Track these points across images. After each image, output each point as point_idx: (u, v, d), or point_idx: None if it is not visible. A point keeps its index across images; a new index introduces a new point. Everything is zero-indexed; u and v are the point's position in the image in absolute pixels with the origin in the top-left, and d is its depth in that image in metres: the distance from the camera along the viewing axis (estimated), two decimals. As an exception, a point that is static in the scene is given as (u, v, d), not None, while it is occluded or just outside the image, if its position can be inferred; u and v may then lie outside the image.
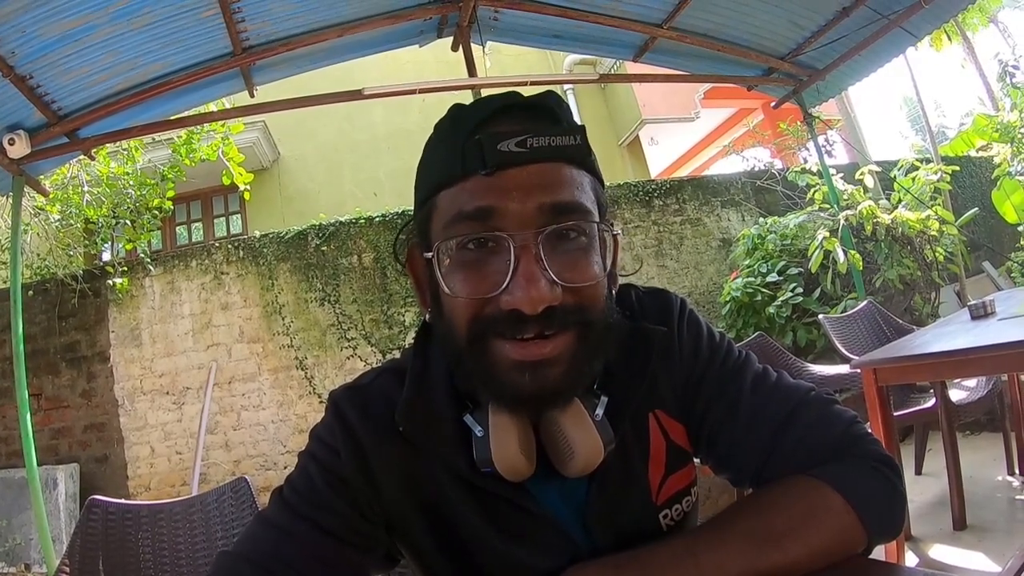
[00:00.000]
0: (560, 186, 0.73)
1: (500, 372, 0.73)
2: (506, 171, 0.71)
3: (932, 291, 5.64)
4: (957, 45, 9.81)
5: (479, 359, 0.74)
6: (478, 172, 0.72)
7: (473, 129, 0.74)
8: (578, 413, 0.77)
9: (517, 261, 0.70)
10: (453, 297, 0.73)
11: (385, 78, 6.04)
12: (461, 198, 0.73)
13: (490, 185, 0.71)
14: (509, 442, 0.75)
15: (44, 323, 6.13)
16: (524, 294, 0.69)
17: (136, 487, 5.92)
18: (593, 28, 4.54)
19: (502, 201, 0.71)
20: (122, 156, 6.51)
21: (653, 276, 7.14)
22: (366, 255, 6.64)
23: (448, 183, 0.74)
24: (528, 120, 0.75)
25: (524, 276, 0.69)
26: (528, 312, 0.69)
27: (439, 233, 0.75)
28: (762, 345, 3.72)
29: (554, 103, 0.78)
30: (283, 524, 0.80)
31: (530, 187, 0.71)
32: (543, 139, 0.72)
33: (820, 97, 5.41)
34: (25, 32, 3.02)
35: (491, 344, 0.73)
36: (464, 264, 0.73)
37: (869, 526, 0.75)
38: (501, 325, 0.71)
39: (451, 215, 0.73)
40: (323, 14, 3.93)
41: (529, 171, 0.72)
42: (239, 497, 1.89)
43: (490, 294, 0.71)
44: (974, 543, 2.76)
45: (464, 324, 0.73)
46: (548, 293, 0.69)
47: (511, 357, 0.72)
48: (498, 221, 0.71)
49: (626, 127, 10.72)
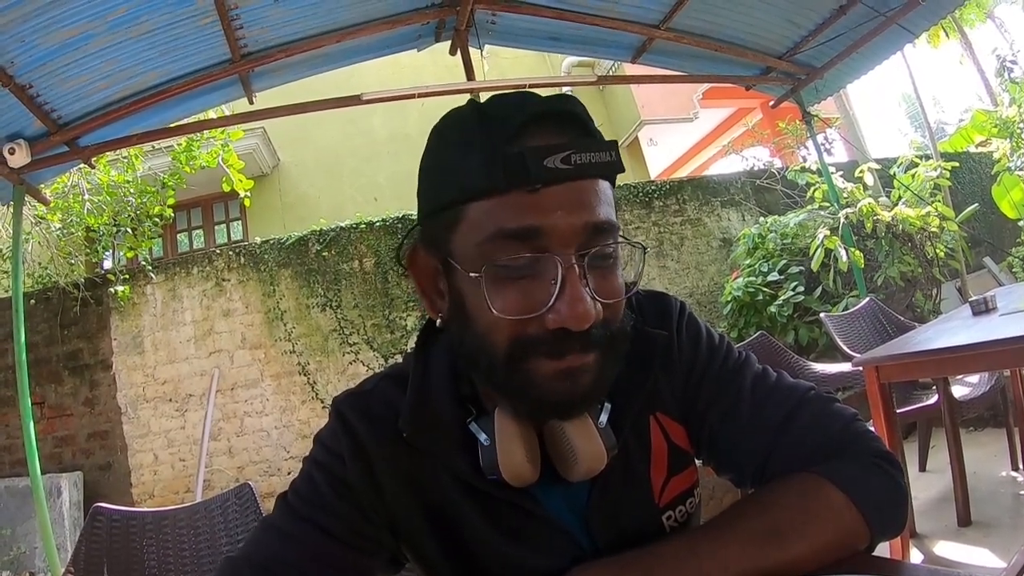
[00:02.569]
0: (599, 205, 0.73)
1: (539, 383, 0.72)
2: (550, 188, 0.70)
3: (933, 288, 5.63)
4: (955, 41, 9.81)
5: (516, 375, 0.73)
6: (521, 188, 0.70)
7: (509, 139, 0.71)
8: (582, 420, 0.77)
9: (564, 280, 0.69)
10: (494, 315, 0.71)
11: (384, 83, 6.04)
12: (502, 214, 0.70)
13: (534, 203, 0.69)
14: (516, 451, 0.76)
15: (46, 331, 6.13)
16: (571, 312, 0.69)
17: (140, 494, 5.92)
18: (590, 30, 4.54)
19: (547, 220, 0.69)
20: (122, 164, 6.53)
21: (654, 277, 7.14)
22: (367, 260, 6.65)
23: (482, 195, 0.71)
24: (566, 132, 0.73)
25: (571, 295, 0.69)
26: (575, 329, 0.69)
27: (472, 248, 0.73)
28: (764, 344, 3.71)
29: (582, 112, 0.76)
30: (287, 528, 0.81)
31: (572, 205, 0.70)
32: (585, 155, 0.71)
33: (818, 95, 5.40)
34: (24, 41, 3.02)
35: (531, 363, 0.72)
36: (507, 282, 0.71)
37: (872, 523, 0.75)
38: (544, 345, 0.71)
39: (490, 231, 0.71)
40: (321, 20, 3.93)
41: (571, 188, 0.71)
42: (243, 503, 1.89)
43: (535, 313, 0.70)
44: (979, 539, 2.75)
45: (504, 343, 0.72)
46: (593, 311, 0.70)
47: (551, 370, 0.72)
48: (544, 241, 0.70)
49: (625, 128, 10.74)
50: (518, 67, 9.13)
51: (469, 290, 0.74)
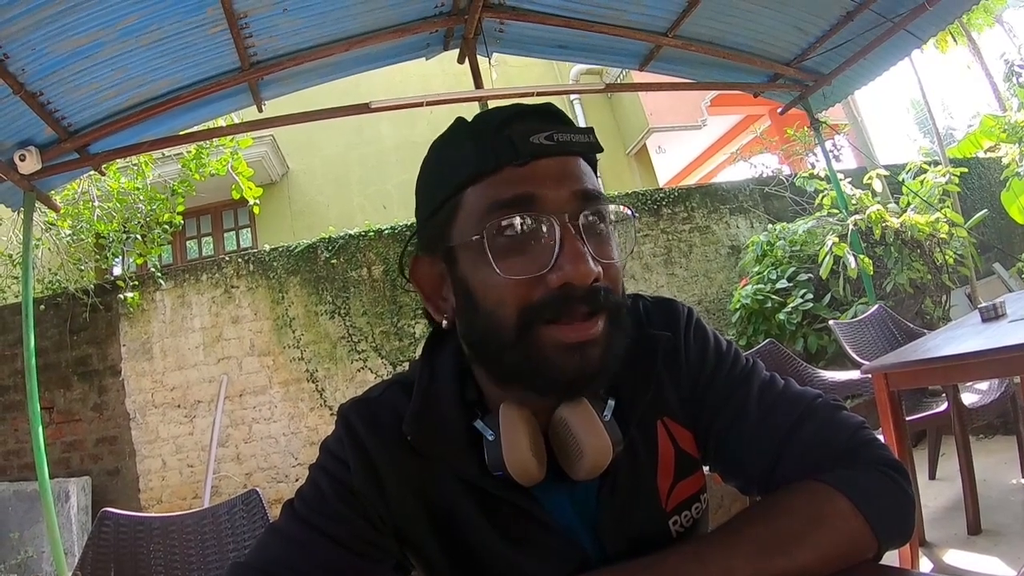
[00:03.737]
0: (585, 176, 0.79)
1: (550, 356, 0.74)
2: (538, 161, 0.76)
3: (943, 294, 5.60)
4: (963, 46, 9.77)
5: (527, 349, 0.75)
6: (511, 163, 0.75)
7: (496, 129, 0.78)
8: (587, 414, 0.78)
9: (562, 240, 0.73)
10: (495, 286, 0.75)
11: (392, 91, 6.09)
12: (494, 190, 0.76)
13: (524, 174, 0.75)
14: (520, 444, 0.76)
15: (56, 337, 6.16)
16: (574, 267, 0.72)
17: (148, 500, 5.93)
18: (598, 38, 4.56)
19: (539, 188, 0.75)
20: (132, 171, 6.57)
21: (663, 285, 7.12)
22: (376, 268, 6.66)
23: (477, 179, 0.77)
24: (548, 121, 0.80)
25: (571, 252, 0.73)
26: (579, 284, 0.72)
27: (471, 227, 0.77)
28: (773, 352, 3.71)
29: (560, 111, 0.83)
30: (294, 534, 0.81)
31: (561, 176, 0.76)
32: (567, 135, 0.78)
33: (826, 102, 5.40)
34: (35, 50, 3.06)
35: (540, 332, 0.74)
36: (507, 249, 0.75)
37: (878, 531, 0.74)
38: (551, 308, 0.73)
39: (485, 206, 0.76)
40: (330, 29, 3.96)
41: (558, 161, 0.77)
42: (251, 509, 1.90)
43: (538, 273, 0.73)
44: (989, 547, 2.73)
45: (514, 313, 0.75)
46: (594, 267, 0.73)
47: (562, 341, 0.74)
48: (537, 206, 0.75)
49: (633, 136, 10.73)
50: (526, 75, 9.14)
51: (473, 270, 0.77)
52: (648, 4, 4.26)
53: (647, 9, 4.31)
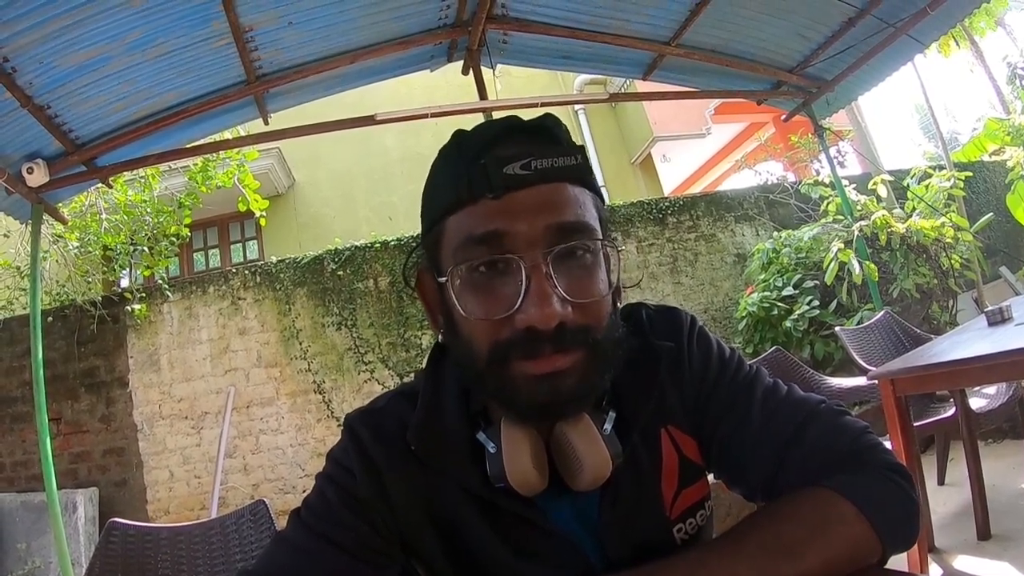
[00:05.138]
0: (565, 206, 0.76)
1: (520, 387, 0.75)
2: (512, 194, 0.74)
3: (949, 299, 5.59)
4: (965, 50, 9.77)
5: (499, 380, 0.76)
6: (485, 196, 0.74)
7: (476, 154, 0.77)
8: (587, 428, 0.78)
9: (528, 281, 0.72)
10: (469, 320, 0.76)
11: (397, 103, 6.09)
12: (469, 222, 0.75)
13: (498, 209, 0.74)
14: (522, 456, 0.77)
15: (63, 348, 6.19)
16: (538, 311, 0.71)
17: (155, 511, 5.94)
18: (602, 48, 4.57)
19: (511, 224, 0.73)
20: (139, 184, 6.60)
21: (669, 293, 7.12)
22: (382, 279, 6.68)
23: (455, 208, 0.77)
24: (530, 143, 0.78)
25: (536, 294, 0.72)
26: (541, 328, 0.72)
27: (449, 258, 0.77)
28: (779, 359, 3.70)
29: (552, 124, 0.81)
30: (300, 542, 0.82)
31: (536, 208, 0.74)
32: (546, 161, 0.75)
33: (830, 108, 5.41)
34: (43, 63, 3.07)
35: (511, 365, 0.75)
36: (477, 287, 0.75)
37: (883, 536, 0.75)
38: (519, 347, 0.73)
39: (460, 239, 0.76)
40: (335, 42, 3.98)
41: (534, 192, 0.75)
42: (258, 520, 1.90)
43: (504, 314, 0.73)
44: (998, 553, 2.71)
45: (484, 347, 0.76)
46: (560, 310, 0.72)
47: (530, 373, 0.74)
48: (508, 243, 0.74)
49: (638, 145, 10.75)
50: (530, 85, 9.15)
51: (451, 299, 0.77)
52: (651, 13, 4.27)
53: (650, 18, 4.32)
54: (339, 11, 3.72)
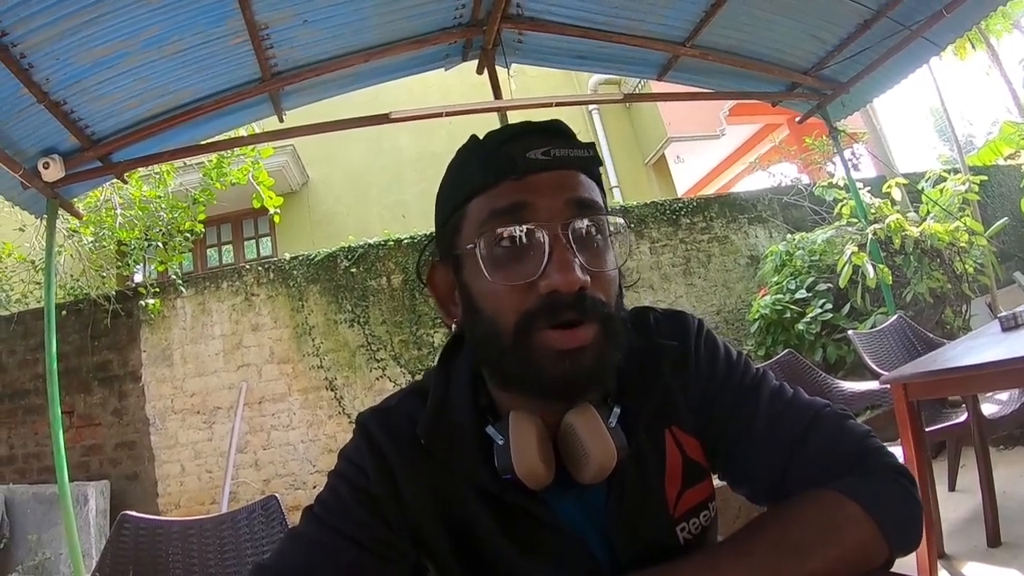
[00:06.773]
0: (581, 187, 0.83)
1: (543, 360, 0.77)
2: (534, 175, 0.80)
3: (963, 304, 5.55)
4: (982, 52, 9.67)
5: (523, 353, 0.78)
6: (509, 177, 0.81)
7: (499, 145, 0.83)
8: (593, 420, 0.80)
9: (551, 249, 0.78)
10: (493, 295, 0.80)
11: (411, 102, 6.10)
12: (494, 200, 0.81)
13: (520, 186, 0.80)
14: (529, 448, 0.79)
15: (77, 342, 6.24)
16: (562, 276, 0.76)
17: (166, 504, 5.98)
18: (616, 48, 4.56)
19: (533, 197, 0.80)
20: (154, 180, 6.66)
21: (681, 295, 7.10)
22: (395, 277, 6.70)
23: (479, 191, 0.82)
24: (548, 138, 0.83)
25: (559, 261, 0.77)
26: (565, 291, 0.76)
27: (471, 235, 0.82)
28: (791, 362, 3.68)
29: (565, 127, 0.87)
30: (314, 537, 0.83)
31: (555, 187, 0.81)
32: (564, 151, 0.82)
33: (845, 111, 5.37)
34: (59, 59, 3.10)
35: (535, 336, 0.78)
36: (500, 259, 0.80)
37: (890, 537, 0.75)
38: (542, 314, 0.77)
39: (484, 215, 0.81)
40: (349, 40, 3.99)
41: (553, 175, 0.81)
42: (269, 515, 1.91)
43: (529, 279, 0.78)
44: (1008, 560, 2.68)
45: (511, 319, 0.79)
46: (580, 275, 0.76)
47: (554, 347, 0.77)
48: (530, 215, 0.79)
49: (652, 146, 10.71)
50: (545, 85, 9.14)
51: (473, 277, 0.83)
52: (666, 14, 4.26)
53: (665, 19, 4.31)
54: (354, 9, 3.74)
